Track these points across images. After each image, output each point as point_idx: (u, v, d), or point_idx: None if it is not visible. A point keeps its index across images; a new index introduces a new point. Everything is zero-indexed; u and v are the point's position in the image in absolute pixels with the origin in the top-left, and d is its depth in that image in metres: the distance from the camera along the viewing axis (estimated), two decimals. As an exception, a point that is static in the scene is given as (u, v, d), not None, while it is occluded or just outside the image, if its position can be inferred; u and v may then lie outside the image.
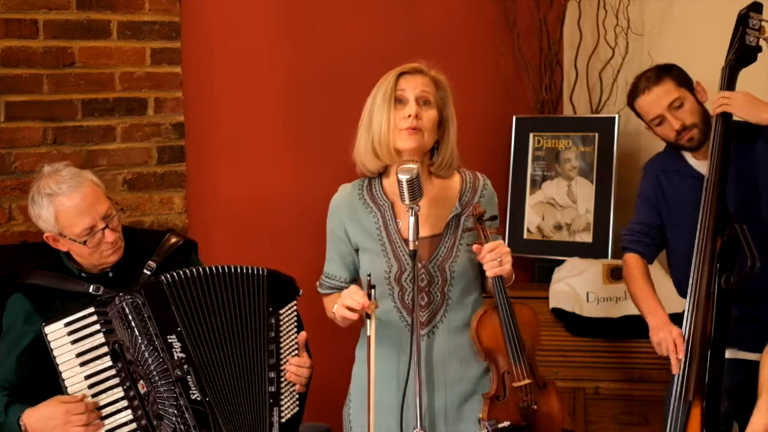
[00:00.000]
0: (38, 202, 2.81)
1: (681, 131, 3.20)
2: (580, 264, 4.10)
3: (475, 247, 2.79)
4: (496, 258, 2.75)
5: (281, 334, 2.85)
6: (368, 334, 2.69)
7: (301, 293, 2.93)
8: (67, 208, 2.78)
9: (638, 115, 3.31)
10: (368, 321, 2.69)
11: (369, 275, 2.77)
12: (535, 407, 2.82)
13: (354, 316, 2.72)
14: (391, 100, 2.83)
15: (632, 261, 3.32)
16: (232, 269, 2.83)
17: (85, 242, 2.79)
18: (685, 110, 3.19)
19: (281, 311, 2.87)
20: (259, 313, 2.83)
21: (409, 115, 2.80)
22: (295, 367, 2.86)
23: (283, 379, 2.84)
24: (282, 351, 2.85)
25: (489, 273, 2.77)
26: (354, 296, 2.72)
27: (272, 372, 2.82)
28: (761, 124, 3.09)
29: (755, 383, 3.12)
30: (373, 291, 2.71)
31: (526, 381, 2.81)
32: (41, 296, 2.81)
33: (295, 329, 2.90)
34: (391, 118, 2.83)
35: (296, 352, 2.89)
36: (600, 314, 3.93)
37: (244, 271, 2.84)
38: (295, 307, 2.91)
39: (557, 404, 2.88)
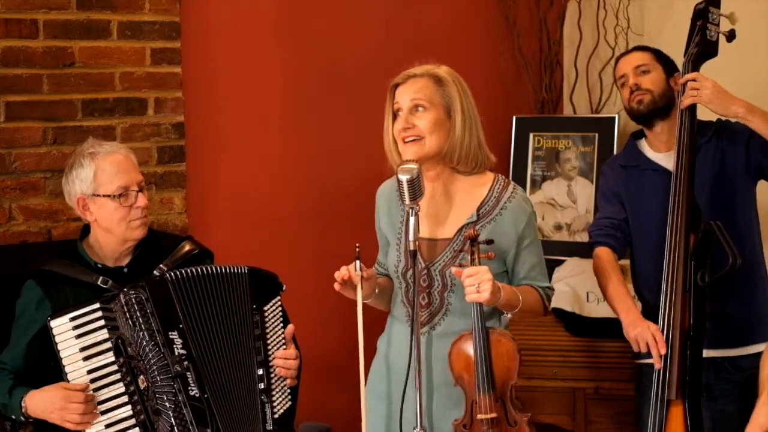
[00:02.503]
0: (79, 164, 2.89)
1: (634, 91, 3.26)
2: (580, 264, 4.10)
3: (454, 270, 2.74)
4: (473, 284, 2.68)
5: (267, 331, 2.88)
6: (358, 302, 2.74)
7: (284, 289, 2.94)
8: (106, 164, 2.88)
9: (615, 80, 3.39)
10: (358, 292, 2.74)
11: (357, 246, 2.77)
12: None
13: (338, 287, 2.76)
14: (390, 114, 2.85)
15: (603, 255, 3.28)
16: (216, 269, 2.86)
17: (119, 197, 2.85)
18: (647, 77, 3.25)
19: (265, 308, 2.89)
20: (244, 311, 2.86)
21: (400, 128, 2.81)
22: (282, 360, 2.87)
23: (272, 375, 2.86)
24: (269, 347, 2.87)
25: (467, 298, 2.71)
26: (341, 270, 2.75)
27: (261, 369, 2.84)
28: (728, 116, 3.11)
29: (722, 381, 3.13)
30: (357, 262, 2.73)
31: (491, 415, 2.72)
32: (52, 283, 2.85)
33: (281, 324, 2.92)
34: (392, 133, 2.84)
35: (284, 346, 2.91)
36: (600, 314, 3.93)
37: (226, 270, 2.87)
38: (279, 303, 2.93)
39: None
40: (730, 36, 3.18)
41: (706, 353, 3.07)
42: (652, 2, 4.32)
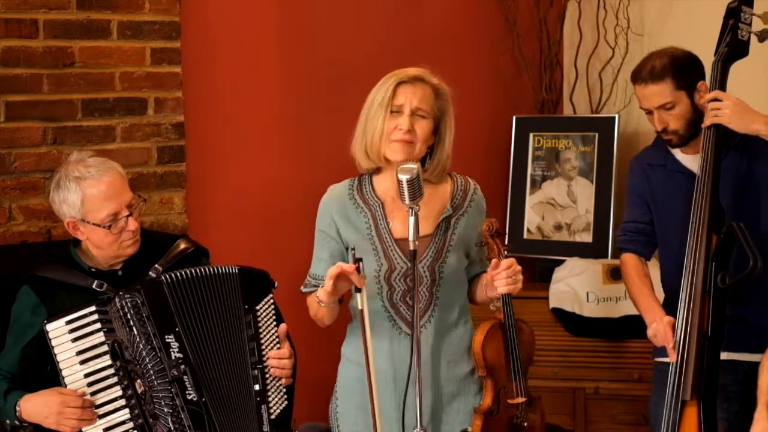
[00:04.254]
0: (64, 186, 2.82)
1: (662, 132, 3.21)
2: (580, 264, 4.10)
3: (493, 261, 2.79)
4: (511, 275, 2.76)
5: (260, 331, 2.85)
6: (360, 308, 2.65)
7: (276, 286, 2.92)
8: (94, 192, 2.80)
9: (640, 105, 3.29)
10: (358, 296, 2.66)
11: (353, 249, 2.74)
12: (525, 424, 2.87)
13: (343, 287, 2.71)
14: (387, 108, 2.83)
15: (628, 261, 3.30)
16: (208, 270, 2.83)
17: (109, 227, 2.79)
18: (672, 113, 3.16)
19: (258, 307, 2.86)
20: (237, 312, 2.83)
21: (401, 129, 2.81)
22: (276, 360, 2.84)
23: (267, 376, 2.84)
24: (263, 347, 2.85)
25: (501, 290, 2.78)
26: (341, 264, 2.69)
27: (255, 370, 2.82)
28: (750, 133, 3.08)
29: (738, 384, 3.12)
30: (360, 264, 2.67)
31: (522, 399, 2.87)
32: (47, 288, 2.83)
33: (275, 323, 2.89)
34: (384, 127, 2.83)
35: (278, 345, 2.88)
36: (600, 314, 3.93)
37: (218, 271, 2.84)
38: (272, 301, 2.90)
39: (540, 420, 2.94)
40: (762, 36, 3.14)
41: (726, 355, 3.06)
42: (652, 2, 4.32)
